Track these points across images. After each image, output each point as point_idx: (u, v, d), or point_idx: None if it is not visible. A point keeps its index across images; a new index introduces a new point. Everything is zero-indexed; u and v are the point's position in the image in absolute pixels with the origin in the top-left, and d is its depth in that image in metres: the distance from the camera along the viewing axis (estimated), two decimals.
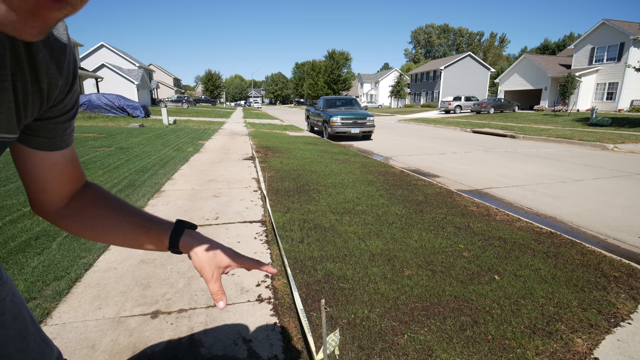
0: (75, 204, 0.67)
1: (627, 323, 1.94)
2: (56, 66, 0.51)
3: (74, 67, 0.55)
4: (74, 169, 0.66)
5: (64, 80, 0.54)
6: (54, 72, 0.51)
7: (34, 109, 0.51)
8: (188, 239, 0.66)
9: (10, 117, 0.48)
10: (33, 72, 0.48)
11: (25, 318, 0.69)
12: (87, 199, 0.68)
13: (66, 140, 0.62)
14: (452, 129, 17.69)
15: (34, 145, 0.58)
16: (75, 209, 0.66)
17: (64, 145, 0.62)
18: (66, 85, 0.55)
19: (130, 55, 40.65)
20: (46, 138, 0.58)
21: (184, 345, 1.68)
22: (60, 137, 0.60)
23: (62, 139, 0.60)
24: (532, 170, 6.88)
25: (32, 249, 2.58)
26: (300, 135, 13.10)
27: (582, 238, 3.41)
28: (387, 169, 6.41)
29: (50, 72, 0.50)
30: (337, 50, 56.18)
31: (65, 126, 0.60)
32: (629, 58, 24.87)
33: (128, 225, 0.67)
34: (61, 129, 0.59)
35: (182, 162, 6.39)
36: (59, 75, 0.52)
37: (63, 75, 0.53)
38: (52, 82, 0.51)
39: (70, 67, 0.54)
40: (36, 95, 0.50)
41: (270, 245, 2.87)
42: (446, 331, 1.83)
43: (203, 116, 23.76)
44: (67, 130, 0.61)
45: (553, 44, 59.84)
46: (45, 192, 0.63)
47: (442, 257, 2.70)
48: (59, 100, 0.55)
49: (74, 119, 0.61)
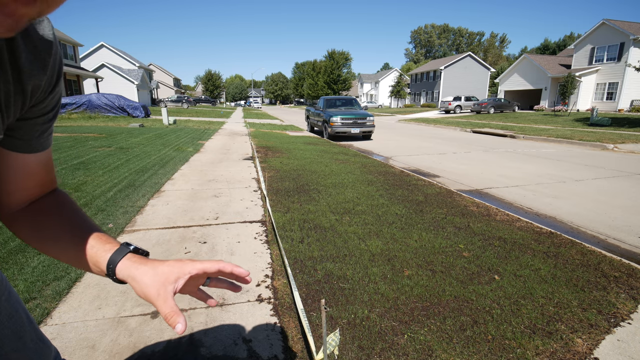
0: (32, 209, 0.62)
1: (627, 323, 1.94)
2: (40, 66, 0.49)
3: (59, 67, 0.54)
4: (46, 174, 0.62)
5: (48, 80, 0.52)
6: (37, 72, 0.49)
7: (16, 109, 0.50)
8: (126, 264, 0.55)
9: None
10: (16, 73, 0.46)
11: (22, 317, 0.68)
12: (44, 206, 0.63)
13: (43, 143, 0.59)
14: (452, 129, 17.69)
15: (10, 146, 0.54)
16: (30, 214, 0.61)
17: (41, 148, 0.58)
18: (49, 85, 0.53)
19: (130, 55, 40.67)
20: (22, 140, 0.55)
21: (184, 345, 1.68)
22: (37, 139, 0.57)
23: (38, 141, 0.57)
24: (532, 170, 6.88)
25: (32, 249, 2.58)
26: (300, 135, 13.10)
27: (582, 238, 3.41)
28: (387, 169, 6.41)
29: (34, 73, 0.49)
30: (337, 50, 56.24)
31: (44, 128, 0.57)
32: (629, 58, 24.87)
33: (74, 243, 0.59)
34: (39, 130, 0.56)
35: (182, 162, 6.40)
36: (43, 75, 0.50)
37: (47, 75, 0.51)
38: (35, 83, 0.50)
39: (55, 67, 0.52)
40: (19, 97, 0.48)
41: (270, 245, 2.87)
42: (446, 331, 1.83)
43: (203, 116, 23.76)
44: (45, 132, 0.58)
45: (553, 44, 59.84)
46: (10, 194, 0.59)
47: (442, 257, 2.70)
48: (40, 100, 0.53)
49: (53, 121, 0.58)
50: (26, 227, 0.61)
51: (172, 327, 0.51)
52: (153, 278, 0.54)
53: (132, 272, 0.55)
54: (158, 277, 0.54)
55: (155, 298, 0.52)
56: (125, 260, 0.56)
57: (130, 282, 0.55)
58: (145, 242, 2.83)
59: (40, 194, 0.63)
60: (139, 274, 0.54)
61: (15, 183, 0.58)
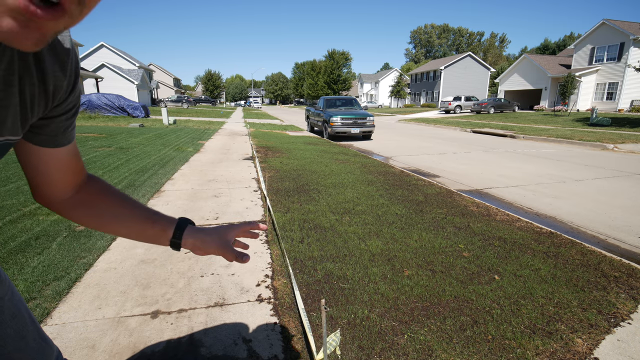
0: (83, 195, 0.71)
1: (627, 323, 1.94)
2: (60, 68, 0.53)
3: (76, 68, 0.57)
4: (76, 163, 0.69)
5: (67, 80, 0.55)
6: (59, 74, 0.53)
7: (39, 109, 0.53)
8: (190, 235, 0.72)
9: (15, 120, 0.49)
10: (40, 74, 0.49)
11: (24, 317, 0.69)
12: (93, 190, 0.72)
13: (68, 137, 0.64)
14: (452, 129, 17.68)
15: (38, 142, 0.60)
16: (83, 199, 0.70)
17: (66, 142, 0.64)
18: (69, 86, 0.56)
19: (130, 55, 40.65)
20: (49, 136, 0.60)
21: (184, 345, 1.68)
22: (62, 134, 0.62)
23: (64, 136, 0.63)
24: (532, 170, 6.88)
25: (32, 249, 2.58)
26: (300, 135, 13.10)
27: (582, 238, 3.41)
28: (387, 169, 6.41)
29: (56, 75, 0.52)
30: (337, 50, 56.28)
31: (67, 124, 0.62)
32: (629, 58, 24.87)
33: (134, 217, 0.72)
34: (63, 126, 0.61)
35: (182, 162, 6.40)
36: (64, 77, 0.54)
37: (67, 77, 0.55)
38: (57, 84, 0.53)
39: (72, 68, 0.56)
40: (42, 97, 0.52)
41: (270, 245, 2.87)
42: (446, 331, 1.83)
43: (203, 116, 23.76)
44: (69, 128, 0.63)
45: (553, 44, 59.83)
46: (51, 185, 0.66)
47: (442, 257, 2.70)
48: (62, 100, 0.57)
49: (75, 117, 0.63)
50: (84, 211, 0.70)
51: (243, 262, 0.71)
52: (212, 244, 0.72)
53: (200, 236, 0.72)
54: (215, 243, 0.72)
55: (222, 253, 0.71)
56: (188, 232, 0.72)
57: (196, 250, 0.72)
58: None
59: (78, 181, 0.71)
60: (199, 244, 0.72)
61: (52, 175, 0.65)
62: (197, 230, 0.73)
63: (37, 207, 3.48)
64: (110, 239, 2.85)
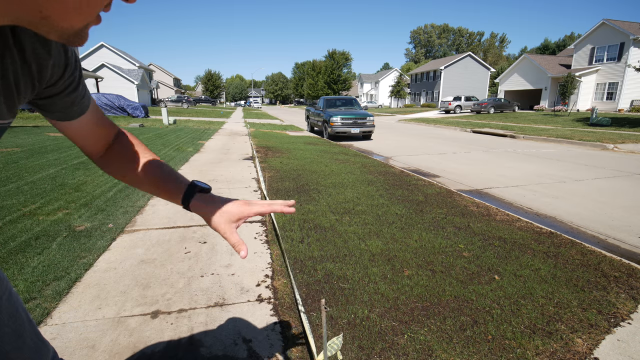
0: (110, 154, 0.76)
1: (627, 323, 1.94)
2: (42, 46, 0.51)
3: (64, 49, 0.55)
4: (103, 123, 0.73)
5: (55, 59, 0.54)
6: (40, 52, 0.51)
7: (26, 91, 0.52)
8: (198, 202, 0.71)
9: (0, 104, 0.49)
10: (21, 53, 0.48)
11: (22, 317, 0.69)
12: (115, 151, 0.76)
13: (82, 107, 0.66)
14: (452, 129, 17.69)
15: (56, 118, 0.64)
16: (109, 158, 0.76)
17: (81, 112, 0.66)
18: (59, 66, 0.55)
19: (130, 55, 40.66)
20: (61, 112, 0.63)
21: (184, 345, 1.68)
22: (71, 107, 0.63)
23: (75, 109, 0.65)
24: (532, 170, 6.88)
25: (32, 249, 2.58)
26: (300, 135, 13.10)
27: (582, 238, 3.41)
28: (387, 169, 6.41)
29: (37, 52, 0.50)
30: (337, 50, 56.33)
31: (73, 97, 0.62)
32: (629, 58, 24.88)
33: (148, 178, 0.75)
34: (69, 101, 0.62)
35: (182, 162, 6.40)
36: (48, 56, 0.52)
37: (52, 55, 0.53)
38: (40, 64, 0.52)
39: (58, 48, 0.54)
40: (27, 79, 0.51)
41: (270, 245, 2.87)
42: (446, 331, 1.83)
43: (203, 116, 23.76)
44: (76, 100, 0.63)
45: (553, 44, 59.86)
46: (86, 147, 0.72)
47: (442, 257, 2.70)
48: (58, 78, 0.57)
49: (79, 89, 0.63)
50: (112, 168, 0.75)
51: (238, 252, 0.68)
52: (220, 217, 0.69)
53: (203, 210, 0.70)
54: (224, 217, 0.69)
55: (223, 232, 0.68)
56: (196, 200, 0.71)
57: (204, 217, 0.70)
58: (145, 242, 2.83)
59: (110, 137, 0.75)
60: (209, 212, 0.69)
61: (84, 139, 0.70)
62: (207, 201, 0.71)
63: (37, 207, 3.49)
64: (110, 239, 2.85)
